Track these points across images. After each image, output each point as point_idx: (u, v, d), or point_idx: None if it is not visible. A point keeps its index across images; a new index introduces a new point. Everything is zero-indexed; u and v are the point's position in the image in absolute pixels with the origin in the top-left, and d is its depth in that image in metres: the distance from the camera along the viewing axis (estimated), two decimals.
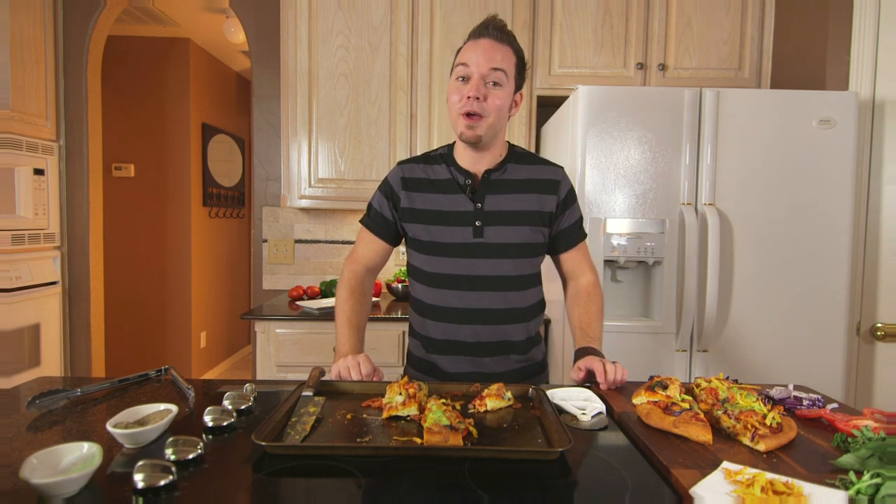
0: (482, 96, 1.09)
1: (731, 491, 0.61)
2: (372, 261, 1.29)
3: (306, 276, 2.63)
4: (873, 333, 1.83)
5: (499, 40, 1.11)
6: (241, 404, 0.89)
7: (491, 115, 1.11)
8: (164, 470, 0.63)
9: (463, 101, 1.10)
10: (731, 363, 1.76)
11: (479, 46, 1.11)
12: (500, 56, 1.10)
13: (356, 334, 1.19)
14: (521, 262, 1.19)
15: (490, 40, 1.10)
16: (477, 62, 1.09)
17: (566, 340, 1.82)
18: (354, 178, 2.28)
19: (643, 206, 1.76)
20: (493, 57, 1.09)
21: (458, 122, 1.13)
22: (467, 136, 1.12)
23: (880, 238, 1.82)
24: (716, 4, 2.25)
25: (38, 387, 1.01)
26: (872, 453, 0.68)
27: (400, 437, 0.78)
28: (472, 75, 1.10)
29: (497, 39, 1.11)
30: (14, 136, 2.26)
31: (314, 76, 2.26)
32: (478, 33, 1.12)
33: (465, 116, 1.11)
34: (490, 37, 1.11)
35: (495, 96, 1.11)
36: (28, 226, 2.35)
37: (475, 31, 1.12)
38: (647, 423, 0.84)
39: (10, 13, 2.23)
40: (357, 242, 1.31)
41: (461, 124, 1.12)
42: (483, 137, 1.13)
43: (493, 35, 1.11)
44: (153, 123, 3.76)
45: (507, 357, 1.20)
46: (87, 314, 2.62)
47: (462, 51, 1.14)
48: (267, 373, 2.05)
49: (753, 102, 1.74)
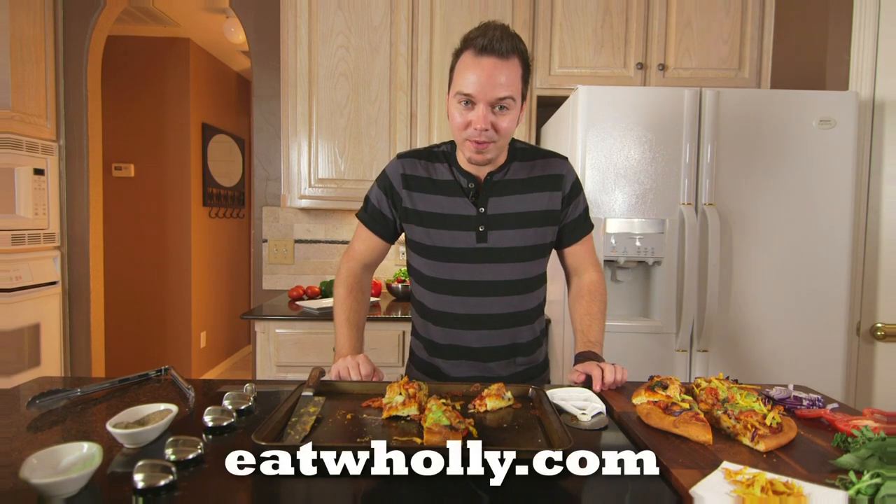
0: (490, 125, 1.02)
1: (731, 491, 0.61)
2: (369, 257, 1.26)
3: (306, 276, 2.63)
4: (873, 333, 1.83)
5: (504, 56, 0.99)
6: (241, 404, 0.89)
7: (501, 139, 1.05)
8: (164, 470, 0.63)
9: (470, 130, 1.03)
10: (731, 363, 1.76)
11: (482, 69, 0.99)
12: (506, 78, 1.00)
13: (356, 333, 1.18)
14: (527, 265, 1.16)
15: (494, 59, 0.99)
16: (482, 90, 0.99)
17: (566, 340, 1.82)
18: (354, 177, 2.28)
19: (643, 206, 1.76)
20: (498, 82, 0.99)
21: (465, 146, 1.06)
22: (476, 160, 1.07)
23: (880, 238, 1.82)
24: (716, 4, 2.25)
25: (38, 387, 1.01)
26: (872, 453, 0.68)
27: (400, 437, 0.78)
28: (478, 103, 1.01)
29: (501, 55, 0.99)
30: (14, 136, 2.26)
31: (314, 76, 2.26)
32: (479, 48, 0.99)
33: (473, 143, 1.04)
34: (494, 54, 0.99)
35: (503, 120, 1.03)
36: (28, 226, 2.35)
37: (476, 45, 1.00)
38: (647, 423, 0.84)
39: (10, 13, 2.23)
40: (354, 238, 1.28)
41: (469, 149, 1.06)
42: (493, 159, 1.09)
43: (497, 51, 0.99)
44: (153, 123, 3.76)
45: (513, 360, 1.19)
46: (87, 314, 2.63)
47: (463, 67, 1.02)
48: (267, 373, 2.05)
49: (753, 102, 1.74)
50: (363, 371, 1.06)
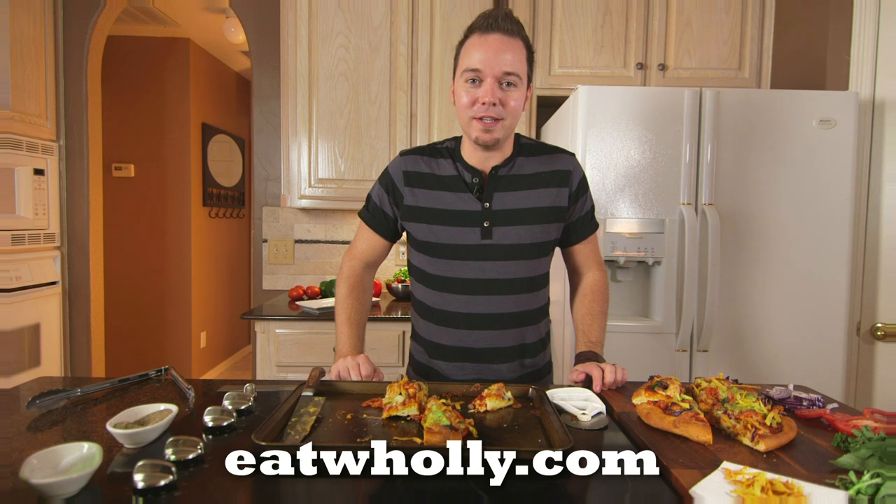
0: (497, 101, 1.02)
1: (731, 491, 0.61)
2: (371, 256, 1.25)
3: (306, 276, 2.63)
4: (873, 333, 1.83)
5: (509, 34, 1.02)
6: (241, 404, 0.89)
7: (508, 118, 1.05)
8: (164, 470, 0.63)
9: (477, 106, 1.03)
10: (731, 363, 1.76)
11: (488, 45, 1.01)
12: (512, 55, 1.02)
13: (356, 333, 1.17)
14: (533, 262, 1.14)
15: (500, 35, 1.02)
16: (489, 64, 1.01)
17: (566, 340, 1.82)
18: (354, 178, 2.28)
19: (643, 206, 1.76)
20: (505, 58, 1.01)
21: (472, 126, 1.06)
22: (484, 139, 1.06)
23: (880, 238, 1.82)
24: (716, 4, 2.25)
25: (38, 387, 1.01)
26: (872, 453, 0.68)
27: (400, 437, 0.78)
28: (485, 78, 1.02)
29: (507, 33, 1.02)
30: (14, 136, 2.26)
31: (314, 76, 2.26)
32: (486, 26, 1.02)
33: (480, 121, 1.04)
34: (500, 31, 1.02)
35: (511, 97, 1.04)
36: (28, 226, 2.35)
37: (483, 25, 1.03)
38: (647, 423, 0.84)
39: (10, 13, 2.23)
40: (356, 237, 1.26)
41: (476, 128, 1.05)
42: (500, 140, 1.08)
43: (503, 28, 1.02)
44: (153, 123, 3.76)
45: (519, 362, 1.17)
46: (87, 314, 2.62)
47: (469, 47, 1.05)
48: (267, 373, 2.05)
49: (753, 102, 1.74)
50: (363, 371, 1.06)
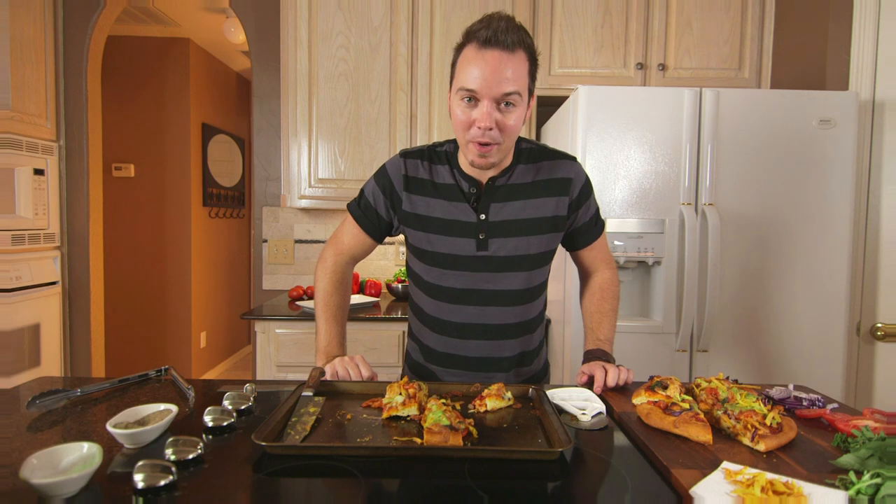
0: (494, 124, 0.95)
1: (731, 491, 0.61)
2: (357, 251, 1.21)
3: (306, 276, 2.63)
4: (873, 333, 1.83)
5: (509, 49, 0.92)
6: (241, 404, 0.89)
7: (506, 140, 0.98)
8: (164, 470, 0.63)
9: (473, 130, 0.96)
10: (731, 363, 1.76)
11: (486, 63, 0.92)
12: (512, 72, 0.93)
13: (342, 332, 1.15)
14: (530, 274, 1.10)
15: (499, 52, 0.92)
16: (487, 85, 0.92)
17: (566, 340, 1.82)
18: (354, 178, 2.28)
19: (643, 206, 1.76)
20: (503, 76, 0.92)
21: (469, 149, 0.99)
22: (479, 164, 1.00)
23: (880, 238, 1.82)
24: (716, 4, 2.25)
25: (38, 387, 1.01)
26: (872, 453, 0.68)
27: (400, 438, 0.78)
28: (482, 99, 0.94)
29: (506, 48, 0.92)
30: (14, 136, 2.26)
31: (314, 76, 2.26)
32: (485, 40, 0.92)
33: (476, 145, 0.97)
34: (499, 46, 0.92)
35: (509, 118, 0.96)
36: (28, 226, 2.35)
37: (482, 37, 0.93)
38: (647, 423, 0.84)
39: (10, 13, 2.23)
40: (343, 229, 1.20)
41: (472, 152, 0.99)
42: (497, 163, 1.02)
43: (502, 43, 0.92)
44: (153, 123, 3.76)
45: (516, 371, 1.16)
46: (87, 314, 2.62)
47: (466, 61, 0.95)
48: (267, 373, 2.05)
49: (753, 102, 1.74)
50: (364, 373, 1.06)
